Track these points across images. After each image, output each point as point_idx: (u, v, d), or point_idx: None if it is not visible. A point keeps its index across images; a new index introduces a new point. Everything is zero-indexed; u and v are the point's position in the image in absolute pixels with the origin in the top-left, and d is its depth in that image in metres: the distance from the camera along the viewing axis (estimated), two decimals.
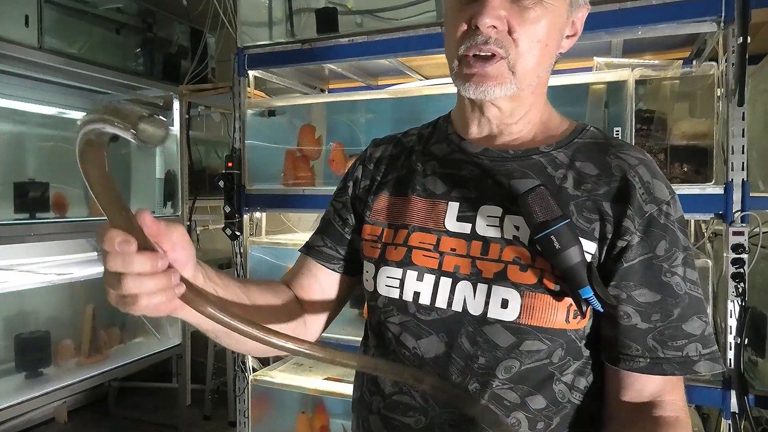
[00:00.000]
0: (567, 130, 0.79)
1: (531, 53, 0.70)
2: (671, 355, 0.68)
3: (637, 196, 0.69)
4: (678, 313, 0.68)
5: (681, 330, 0.68)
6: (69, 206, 2.80)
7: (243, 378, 2.18)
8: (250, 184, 2.17)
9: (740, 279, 1.45)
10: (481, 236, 0.73)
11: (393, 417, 0.76)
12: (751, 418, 1.44)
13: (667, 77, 1.65)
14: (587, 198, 0.71)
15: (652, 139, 1.63)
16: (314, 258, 0.89)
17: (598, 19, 1.56)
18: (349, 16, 2.04)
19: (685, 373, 0.68)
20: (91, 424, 3.30)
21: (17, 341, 2.61)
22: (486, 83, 0.70)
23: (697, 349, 0.68)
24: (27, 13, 2.45)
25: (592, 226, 0.70)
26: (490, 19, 0.66)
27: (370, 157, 0.90)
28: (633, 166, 0.72)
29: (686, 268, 0.70)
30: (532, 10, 0.68)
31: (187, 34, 3.41)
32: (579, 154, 0.75)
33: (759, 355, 1.61)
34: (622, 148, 0.74)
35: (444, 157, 0.81)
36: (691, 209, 1.55)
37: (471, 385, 0.71)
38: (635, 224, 0.69)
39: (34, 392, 2.45)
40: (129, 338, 3.27)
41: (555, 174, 0.73)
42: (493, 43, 0.68)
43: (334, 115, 2.28)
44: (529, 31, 0.69)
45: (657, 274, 0.69)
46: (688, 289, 0.69)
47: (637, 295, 0.69)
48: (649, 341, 0.68)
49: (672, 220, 0.70)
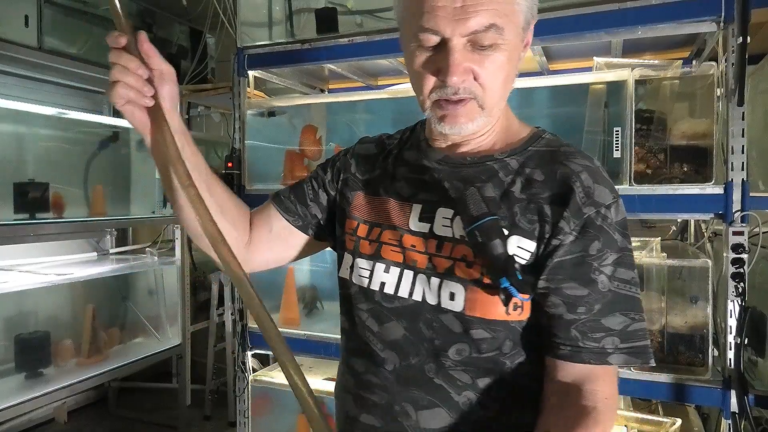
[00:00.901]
0: (524, 138, 0.84)
1: (496, 89, 0.76)
2: (590, 346, 0.74)
3: (576, 200, 0.75)
4: (598, 308, 0.74)
5: (600, 324, 0.74)
6: (66, 206, 2.80)
7: (243, 378, 2.18)
8: (250, 184, 2.17)
9: (740, 279, 1.45)
10: (437, 235, 0.81)
11: (361, 394, 0.85)
12: (751, 418, 1.44)
13: (666, 77, 1.65)
14: (531, 201, 0.77)
15: (652, 139, 1.63)
16: (276, 205, 0.98)
17: (598, 19, 1.56)
18: (349, 16, 2.04)
19: (600, 362, 0.73)
20: (91, 424, 3.30)
21: (17, 341, 2.61)
22: (458, 121, 0.77)
23: (614, 342, 0.73)
24: (27, 13, 2.45)
25: (533, 226, 0.76)
26: (458, 77, 0.72)
27: (355, 153, 0.98)
28: (576, 172, 0.77)
29: (618, 267, 0.75)
30: (492, 56, 0.73)
31: (186, 35, 3.41)
32: (530, 161, 0.81)
33: (759, 355, 1.62)
34: (570, 156, 0.80)
35: (413, 163, 0.89)
36: (691, 209, 1.55)
37: (427, 364, 0.79)
38: (571, 225, 0.74)
39: (34, 392, 2.45)
40: (129, 338, 3.28)
41: (505, 179, 0.80)
42: (462, 92, 0.74)
43: (334, 115, 2.28)
44: (493, 74, 0.74)
45: (587, 270, 0.74)
46: (614, 288, 0.74)
47: (566, 288, 0.74)
48: (573, 331, 0.74)
49: (610, 222, 0.75)
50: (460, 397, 0.77)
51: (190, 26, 3.39)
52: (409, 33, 0.76)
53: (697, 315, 1.60)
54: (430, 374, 0.78)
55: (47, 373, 2.66)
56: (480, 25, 0.71)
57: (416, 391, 0.79)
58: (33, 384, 2.54)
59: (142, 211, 3.32)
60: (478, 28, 0.71)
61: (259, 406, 2.22)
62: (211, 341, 3.35)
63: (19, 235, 2.50)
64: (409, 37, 0.76)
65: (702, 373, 1.56)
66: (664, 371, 1.57)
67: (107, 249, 3.49)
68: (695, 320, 1.60)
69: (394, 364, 0.81)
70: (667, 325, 1.64)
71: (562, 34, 1.63)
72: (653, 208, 1.56)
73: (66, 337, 2.86)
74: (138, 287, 3.46)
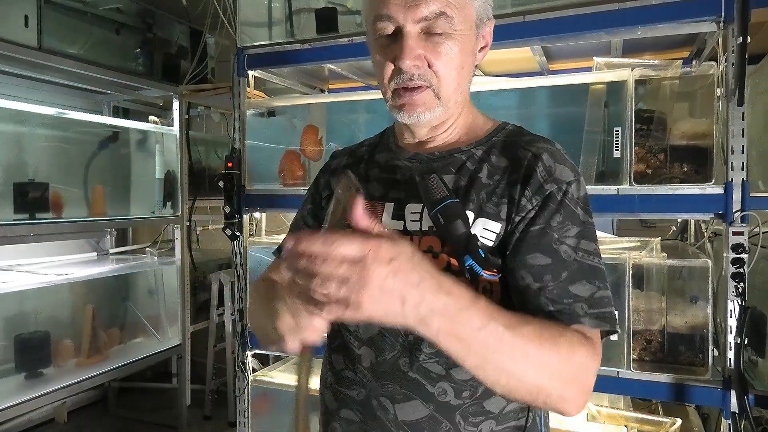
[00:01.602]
0: (488, 130, 0.89)
1: (450, 79, 0.81)
2: (559, 308, 0.74)
3: (537, 177, 0.79)
4: (566, 275, 0.75)
5: (567, 291, 0.75)
6: (65, 206, 2.80)
7: (243, 378, 2.18)
8: (249, 184, 2.17)
9: (740, 279, 1.45)
10: (409, 231, 0.84)
11: (340, 390, 0.87)
12: (751, 418, 1.44)
13: (666, 77, 1.65)
14: (497, 186, 0.81)
15: (652, 139, 1.63)
16: None
17: (598, 19, 1.56)
18: (349, 16, 2.04)
19: (572, 321, 0.73)
20: (91, 424, 3.30)
21: (17, 341, 2.61)
22: (416, 110, 0.81)
23: (582, 308, 0.74)
24: (27, 13, 2.45)
25: (498, 209, 0.80)
26: (410, 60, 0.77)
27: (330, 169, 1.01)
28: (537, 154, 0.81)
29: (581, 239, 0.77)
30: (444, 44, 0.79)
31: (186, 35, 3.41)
32: (494, 149, 0.85)
33: (759, 354, 1.62)
34: (531, 141, 0.84)
35: (384, 164, 0.93)
36: (691, 209, 1.55)
37: (401, 359, 0.81)
38: (533, 202, 0.78)
39: (34, 392, 2.44)
40: (129, 338, 3.27)
41: (472, 168, 0.84)
42: (417, 78, 0.79)
43: (334, 115, 2.28)
44: (446, 63, 0.79)
45: (549, 241, 0.76)
46: (579, 258, 0.77)
47: (530, 258, 0.76)
48: (542, 299, 0.75)
49: (570, 197, 0.78)
50: (434, 389, 0.79)
51: (190, 26, 3.39)
52: (369, 27, 0.83)
53: (697, 315, 1.60)
54: (405, 368, 0.80)
55: (47, 373, 2.66)
56: (431, 12, 0.76)
57: (392, 386, 0.81)
58: (33, 384, 2.54)
59: (142, 211, 3.32)
60: (429, 14, 0.76)
61: (259, 406, 2.22)
62: (211, 341, 3.35)
63: (19, 235, 2.50)
64: (370, 32, 0.83)
65: (702, 373, 1.56)
66: (664, 371, 1.57)
67: (107, 249, 3.49)
68: (695, 320, 1.61)
69: (370, 360, 0.83)
70: (667, 325, 1.64)
71: (562, 34, 1.63)
72: (653, 208, 1.56)
73: (66, 337, 2.85)
74: (138, 287, 3.46)
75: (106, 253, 3.45)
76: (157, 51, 3.21)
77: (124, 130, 3.33)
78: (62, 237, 3.09)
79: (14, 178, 2.58)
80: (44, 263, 2.96)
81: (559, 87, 1.84)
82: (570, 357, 0.69)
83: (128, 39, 3.09)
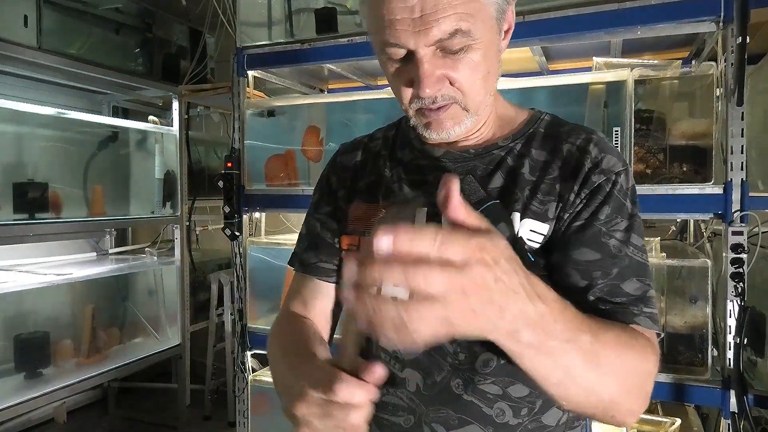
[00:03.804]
0: (523, 121, 0.82)
1: (477, 89, 0.72)
2: (613, 308, 0.69)
3: (585, 170, 0.73)
4: (616, 272, 0.70)
5: (620, 288, 0.70)
6: (65, 206, 2.80)
7: (243, 378, 2.17)
8: (249, 184, 2.17)
9: (739, 279, 1.45)
10: None
11: (383, 417, 0.79)
12: (750, 418, 1.44)
13: (666, 77, 1.65)
14: (541, 182, 0.75)
15: (651, 139, 1.63)
16: (317, 276, 0.89)
17: (598, 19, 1.56)
18: (349, 16, 2.04)
19: (626, 321, 0.68)
20: (90, 424, 3.30)
21: (17, 341, 2.61)
22: (444, 127, 0.74)
23: (638, 306, 0.69)
24: (26, 13, 2.45)
25: (545, 207, 0.74)
26: (431, 90, 0.68)
27: (341, 165, 0.91)
28: (582, 146, 0.76)
29: (630, 233, 0.72)
30: (464, 59, 0.69)
31: (186, 35, 3.41)
32: (533, 142, 0.79)
33: (758, 355, 1.62)
34: (572, 132, 0.78)
35: (410, 163, 0.84)
36: (691, 209, 1.55)
37: (453, 381, 0.74)
38: (581, 196, 0.73)
39: (33, 392, 2.44)
40: (128, 338, 3.27)
41: (513, 164, 0.78)
42: (441, 99, 0.70)
43: (334, 115, 2.28)
44: (469, 77, 0.70)
45: (596, 234, 0.71)
46: (630, 253, 0.71)
47: (577, 254, 0.71)
48: (590, 297, 0.69)
49: (619, 189, 0.73)
50: (492, 410, 0.74)
51: (189, 26, 3.39)
52: (377, 47, 0.73)
53: (696, 315, 1.60)
54: (458, 391, 0.74)
55: (47, 373, 2.66)
56: (443, 33, 0.66)
57: (445, 411, 0.75)
58: (32, 384, 2.54)
59: (142, 211, 3.32)
60: (442, 36, 0.66)
61: (258, 406, 2.22)
62: (211, 341, 3.34)
63: (18, 235, 2.50)
64: (379, 51, 0.73)
65: (701, 373, 1.56)
66: (663, 371, 1.57)
67: (107, 249, 3.49)
68: (695, 320, 1.61)
69: (416, 383, 0.76)
70: (666, 325, 1.64)
71: (562, 34, 1.63)
72: (653, 208, 1.56)
73: (66, 337, 2.85)
74: (137, 287, 3.46)
75: (105, 253, 3.45)
76: (156, 51, 3.21)
77: (123, 130, 3.33)
78: (62, 237, 3.09)
79: (14, 178, 2.58)
80: (44, 263, 2.96)
81: (558, 87, 1.85)
82: (643, 365, 0.64)
83: (128, 39, 3.08)
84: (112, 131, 3.27)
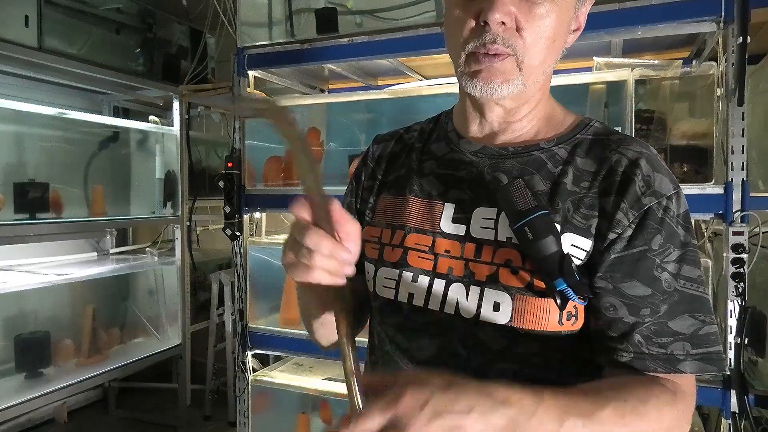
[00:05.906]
0: (571, 125, 0.77)
1: (538, 49, 0.68)
2: (655, 352, 0.65)
3: (635, 189, 0.67)
4: (665, 309, 0.65)
5: (667, 327, 0.65)
6: (66, 206, 2.80)
7: (243, 378, 2.18)
8: (250, 185, 2.17)
9: (740, 279, 1.45)
10: (475, 238, 0.72)
11: None
12: (751, 418, 1.44)
13: (666, 77, 1.65)
14: (585, 194, 0.69)
15: (651, 139, 1.63)
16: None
17: (598, 19, 1.56)
18: (349, 16, 2.04)
19: (669, 371, 0.65)
20: (91, 424, 3.30)
21: (17, 341, 2.61)
22: (494, 80, 0.68)
23: (684, 348, 0.65)
24: (27, 13, 2.45)
25: (588, 222, 0.68)
26: (501, 14, 0.65)
27: (373, 156, 0.89)
28: (633, 160, 0.69)
29: (683, 264, 0.67)
30: (541, 6, 0.66)
31: (186, 35, 3.41)
32: (579, 149, 0.73)
33: (759, 355, 1.62)
34: (623, 143, 0.72)
35: (442, 157, 0.80)
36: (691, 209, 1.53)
37: None
38: (629, 217, 0.67)
39: (33, 392, 2.45)
40: (129, 338, 3.27)
41: (555, 170, 0.72)
42: (501, 42, 0.66)
43: (334, 115, 2.28)
44: (538, 28, 0.67)
45: (649, 267, 0.66)
46: (681, 287, 0.66)
47: (626, 287, 0.66)
48: (635, 336, 0.65)
49: (672, 215, 0.68)
50: None
51: (190, 26, 3.39)
52: None
53: None
54: None
55: (47, 373, 2.66)
56: None
57: None
58: (33, 384, 2.54)
59: (142, 211, 3.32)
60: None
61: (259, 406, 2.22)
62: (211, 341, 3.35)
63: (19, 235, 2.50)
64: None
65: None
66: None
67: (107, 249, 3.49)
68: None
69: None
70: None
71: None
72: None
73: (66, 337, 2.85)
74: (138, 287, 3.46)
75: (106, 253, 3.45)
76: (157, 51, 3.21)
77: (124, 130, 3.34)
78: (62, 237, 3.09)
79: (14, 178, 2.58)
80: (44, 263, 2.96)
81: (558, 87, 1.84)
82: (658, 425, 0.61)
83: (128, 39, 3.09)
84: (112, 131, 3.27)
